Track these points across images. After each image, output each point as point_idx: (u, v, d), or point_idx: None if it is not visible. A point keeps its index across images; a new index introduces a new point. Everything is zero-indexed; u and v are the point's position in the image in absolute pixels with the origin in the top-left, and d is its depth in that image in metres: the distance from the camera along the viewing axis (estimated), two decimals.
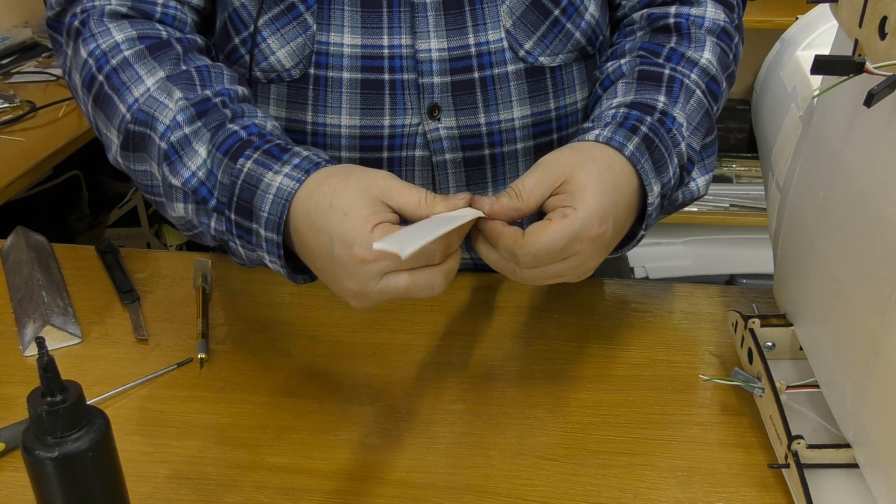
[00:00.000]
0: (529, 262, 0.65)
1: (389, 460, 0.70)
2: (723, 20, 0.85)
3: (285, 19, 0.82)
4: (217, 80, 0.77)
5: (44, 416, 0.52)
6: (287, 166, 0.68)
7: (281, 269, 0.69)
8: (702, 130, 0.79)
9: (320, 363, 0.81)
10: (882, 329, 0.57)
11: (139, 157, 0.76)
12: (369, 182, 0.65)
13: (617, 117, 0.74)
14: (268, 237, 0.68)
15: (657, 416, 0.74)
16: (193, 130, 0.73)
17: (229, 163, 0.70)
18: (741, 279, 2.36)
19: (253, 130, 0.72)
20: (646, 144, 0.71)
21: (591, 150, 0.70)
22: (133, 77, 0.76)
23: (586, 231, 0.65)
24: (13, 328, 0.87)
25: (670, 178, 0.74)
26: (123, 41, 0.77)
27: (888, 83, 0.53)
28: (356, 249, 0.62)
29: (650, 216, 0.73)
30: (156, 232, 2.15)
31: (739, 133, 2.37)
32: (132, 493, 0.59)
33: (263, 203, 0.67)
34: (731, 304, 0.89)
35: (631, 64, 0.83)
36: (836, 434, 0.67)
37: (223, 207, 0.70)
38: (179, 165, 0.72)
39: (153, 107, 0.74)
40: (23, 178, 1.46)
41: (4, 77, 1.81)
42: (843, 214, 0.65)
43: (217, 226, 0.72)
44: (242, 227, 0.69)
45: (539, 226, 0.65)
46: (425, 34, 0.82)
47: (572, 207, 0.65)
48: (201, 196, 0.71)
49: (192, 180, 0.72)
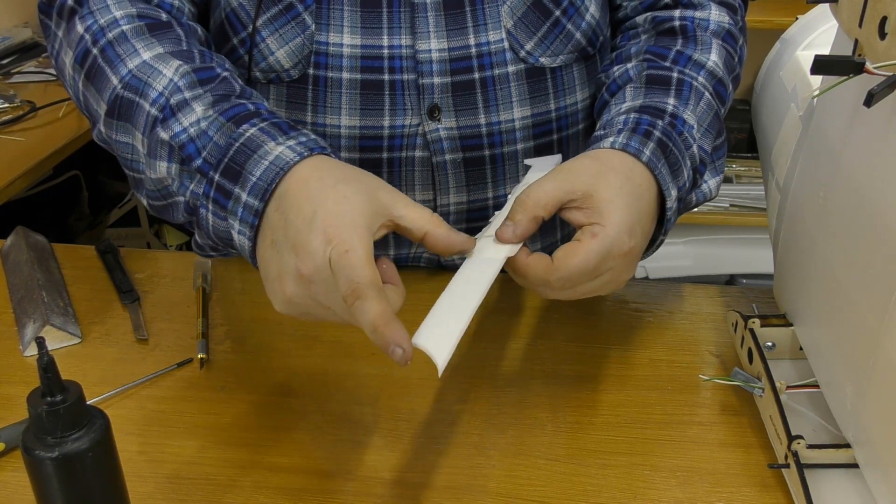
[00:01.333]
0: (563, 285, 0.64)
1: (389, 460, 0.70)
2: (727, 22, 0.85)
3: (284, 19, 0.82)
4: (219, 64, 0.75)
5: (44, 416, 0.52)
6: (292, 140, 0.65)
7: (247, 241, 0.64)
8: (712, 132, 0.79)
9: (320, 363, 0.81)
10: (882, 329, 0.57)
11: (122, 126, 0.73)
12: (379, 184, 0.62)
13: (629, 123, 0.73)
14: (247, 202, 0.63)
15: (657, 416, 0.74)
16: (194, 95, 0.69)
17: (231, 125, 0.67)
18: (741, 279, 2.36)
19: (262, 107, 0.70)
20: (661, 149, 0.70)
21: (610, 160, 0.68)
22: (129, 50, 0.73)
23: (617, 248, 0.64)
24: (13, 328, 0.87)
25: (685, 182, 0.73)
26: (122, 17, 0.75)
27: (888, 83, 0.53)
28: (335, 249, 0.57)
29: (669, 220, 0.72)
30: (156, 232, 2.15)
31: (739, 133, 2.37)
32: (132, 493, 0.59)
33: (256, 168, 0.63)
34: (731, 304, 0.89)
35: (638, 68, 0.82)
36: (836, 434, 0.67)
37: (208, 168, 0.66)
38: (173, 122, 0.69)
39: (147, 73, 0.71)
40: (23, 178, 1.46)
41: (4, 77, 1.82)
42: (843, 214, 0.65)
43: (195, 188, 0.68)
44: (223, 189, 0.65)
45: (569, 248, 0.64)
46: (425, 34, 0.82)
47: (600, 224, 0.64)
48: (187, 153, 0.68)
49: (182, 135, 0.68)
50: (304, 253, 0.58)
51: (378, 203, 0.61)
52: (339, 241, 0.57)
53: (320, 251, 0.57)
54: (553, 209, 0.65)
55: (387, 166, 0.86)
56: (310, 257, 0.58)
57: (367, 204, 0.60)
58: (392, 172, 0.86)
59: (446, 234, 0.62)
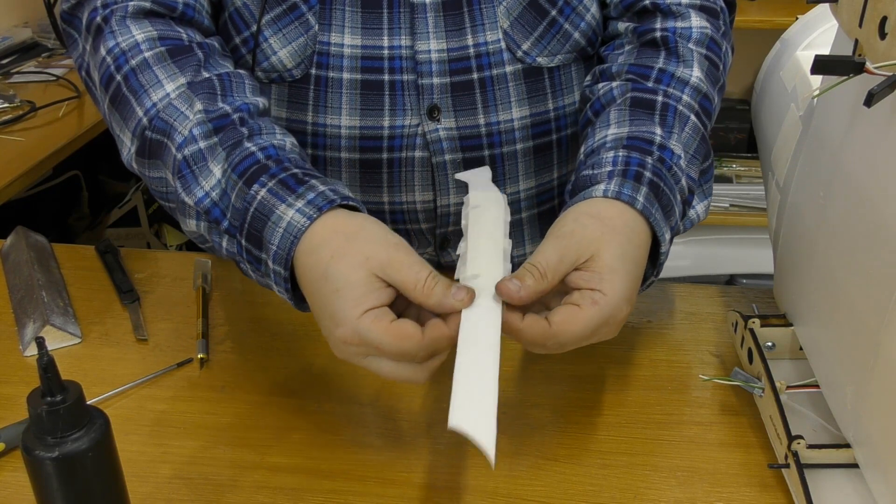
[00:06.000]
0: (558, 349, 0.63)
1: (389, 460, 0.70)
2: (710, 30, 0.83)
3: (287, 19, 0.82)
4: (238, 90, 0.75)
5: (44, 416, 0.52)
6: (301, 200, 0.66)
7: (289, 300, 0.68)
8: (699, 158, 0.78)
9: (320, 363, 0.81)
10: (882, 329, 0.57)
11: (154, 164, 0.75)
12: (370, 253, 0.62)
13: (618, 163, 0.71)
14: (275, 270, 0.66)
15: (657, 416, 0.74)
16: (209, 146, 0.71)
17: (243, 187, 0.68)
18: (741, 279, 2.36)
19: (270, 153, 0.70)
20: (653, 192, 0.69)
21: (612, 220, 0.67)
22: (152, 80, 0.74)
23: (614, 316, 0.63)
24: (13, 328, 0.87)
25: (677, 220, 0.72)
26: (144, 41, 0.76)
27: (888, 83, 0.53)
28: (340, 331, 0.61)
29: (661, 264, 0.71)
30: (156, 232, 2.15)
31: (739, 133, 2.37)
32: (132, 493, 0.59)
33: (273, 236, 0.65)
34: (731, 304, 0.89)
35: (622, 88, 0.80)
36: (836, 434, 0.67)
37: (235, 231, 0.69)
38: (193, 184, 0.70)
39: (172, 116, 0.73)
40: (23, 178, 1.46)
41: (4, 77, 1.82)
42: (843, 214, 0.65)
43: (228, 247, 0.70)
44: (252, 254, 0.68)
45: (569, 314, 0.62)
46: (424, 35, 0.82)
47: (601, 293, 0.62)
48: (214, 217, 0.70)
49: (206, 200, 0.70)
50: (337, 320, 0.62)
51: (370, 280, 0.62)
52: (348, 340, 0.62)
53: (338, 346, 0.63)
54: (561, 278, 0.64)
55: (387, 167, 0.86)
56: (334, 348, 0.64)
57: (359, 286, 0.62)
58: (392, 173, 0.86)
59: (440, 293, 0.61)
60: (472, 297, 0.62)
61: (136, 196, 2.06)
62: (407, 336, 0.60)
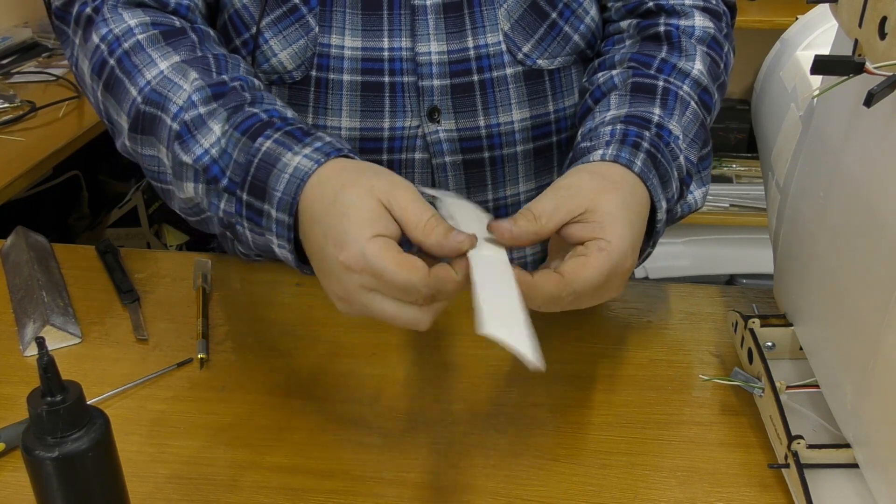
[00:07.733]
0: (573, 301, 0.62)
1: (389, 460, 0.70)
2: (712, 29, 0.84)
3: (288, 21, 0.82)
4: (234, 69, 0.75)
5: (44, 416, 0.52)
6: (308, 148, 0.65)
7: (289, 254, 0.66)
8: (698, 143, 0.78)
9: (320, 363, 0.81)
10: (882, 329, 0.57)
11: (147, 140, 0.74)
12: (379, 186, 0.61)
13: (615, 134, 0.71)
14: (279, 218, 0.64)
15: (657, 416, 0.74)
16: (209, 110, 0.70)
17: (247, 141, 0.67)
18: (741, 279, 2.36)
19: (274, 114, 0.70)
20: (650, 160, 0.69)
21: (611, 175, 0.66)
22: (146, 60, 0.74)
23: (621, 264, 0.62)
24: (13, 328, 0.87)
25: (674, 193, 0.72)
26: (137, 25, 0.76)
27: (888, 83, 0.53)
28: (345, 255, 0.59)
29: (658, 232, 0.70)
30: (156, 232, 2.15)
31: (739, 133, 2.37)
32: (132, 493, 0.59)
33: (278, 182, 0.64)
34: (731, 304, 0.89)
35: (623, 75, 0.81)
36: (836, 434, 0.67)
37: (235, 187, 0.67)
38: (192, 143, 0.69)
39: (167, 87, 0.72)
40: (23, 178, 1.45)
41: (4, 77, 1.81)
42: (843, 214, 0.65)
43: (226, 207, 0.69)
44: (253, 207, 0.66)
45: (578, 263, 0.61)
46: (425, 37, 0.82)
47: (605, 240, 0.61)
48: (212, 174, 0.69)
49: (205, 158, 0.69)
50: (330, 278, 0.61)
51: (379, 208, 0.61)
52: (351, 266, 0.59)
53: (341, 276, 0.60)
54: (556, 227, 0.62)
55: (387, 168, 0.86)
56: (335, 283, 0.61)
57: (368, 209, 0.60)
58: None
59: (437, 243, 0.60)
60: (472, 241, 0.60)
61: (136, 196, 2.06)
62: (414, 268, 0.58)
